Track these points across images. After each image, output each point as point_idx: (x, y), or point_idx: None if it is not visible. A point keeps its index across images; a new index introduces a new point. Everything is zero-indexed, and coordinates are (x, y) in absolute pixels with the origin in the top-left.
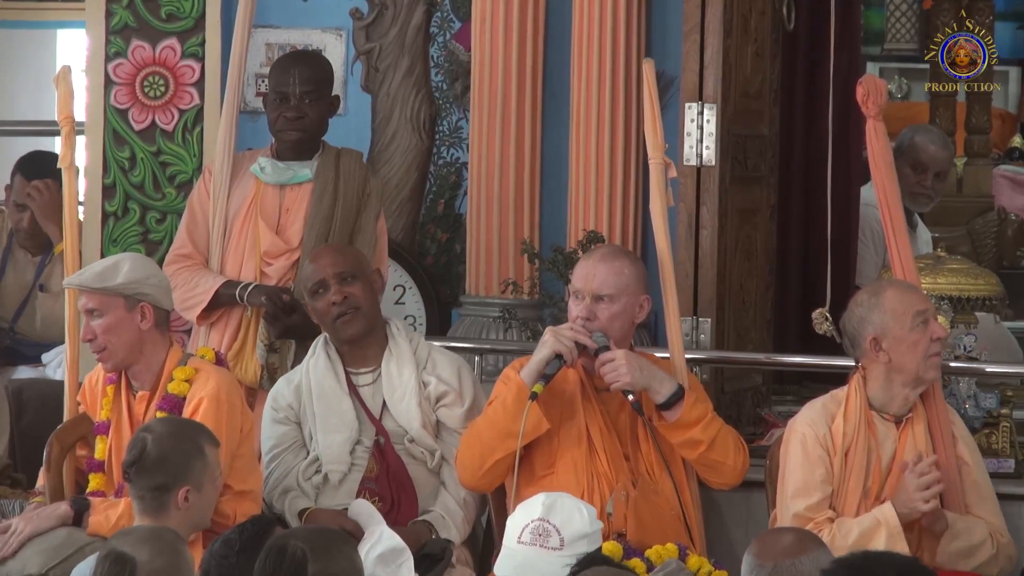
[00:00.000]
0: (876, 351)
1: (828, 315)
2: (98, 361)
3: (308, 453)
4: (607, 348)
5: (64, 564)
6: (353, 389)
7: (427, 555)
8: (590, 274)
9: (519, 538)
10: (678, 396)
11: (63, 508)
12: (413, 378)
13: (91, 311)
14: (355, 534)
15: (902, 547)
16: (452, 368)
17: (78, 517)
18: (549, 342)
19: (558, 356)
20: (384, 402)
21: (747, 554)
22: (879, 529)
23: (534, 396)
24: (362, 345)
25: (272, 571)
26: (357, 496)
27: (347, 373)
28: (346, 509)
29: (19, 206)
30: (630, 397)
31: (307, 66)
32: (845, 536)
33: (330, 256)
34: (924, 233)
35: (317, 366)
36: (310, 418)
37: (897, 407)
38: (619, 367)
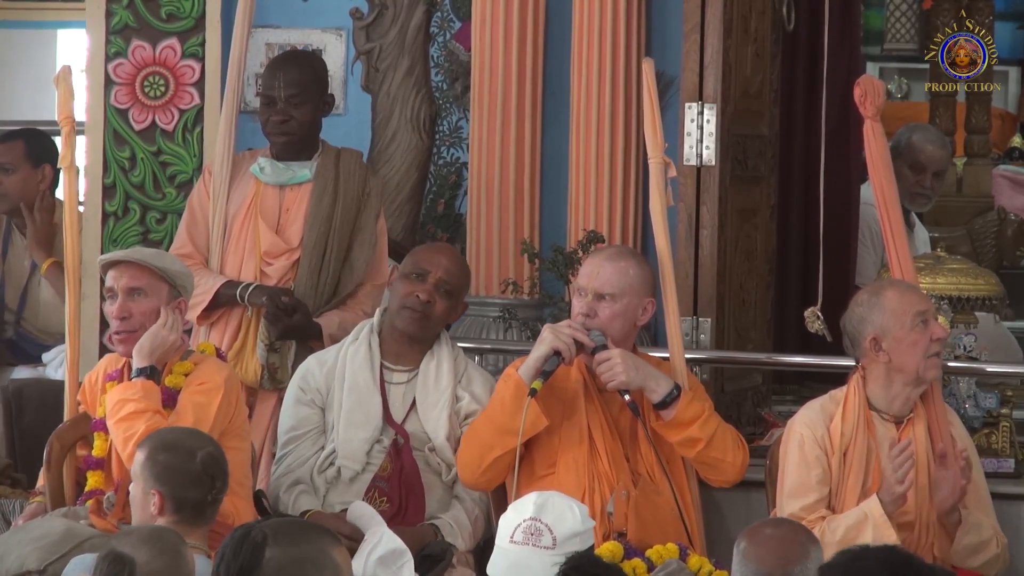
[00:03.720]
0: (876, 351)
1: (820, 314)
2: (119, 343)
3: (325, 442)
4: (604, 347)
5: (63, 560)
6: (381, 385)
7: (427, 555)
8: (594, 272)
9: (511, 537)
10: (674, 395)
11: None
12: (449, 389)
13: (135, 289)
14: (354, 537)
15: (889, 536)
16: (485, 387)
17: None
18: (547, 339)
19: (556, 353)
20: (413, 404)
21: (744, 558)
22: (866, 522)
23: (533, 393)
24: (410, 344)
25: (232, 554)
26: (366, 494)
27: (382, 367)
28: (345, 511)
29: (2, 168)
30: (626, 397)
31: (292, 68)
32: (834, 532)
33: (448, 261)
34: (922, 232)
35: (356, 355)
36: (336, 407)
37: (899, 407)
38: (615, 366)
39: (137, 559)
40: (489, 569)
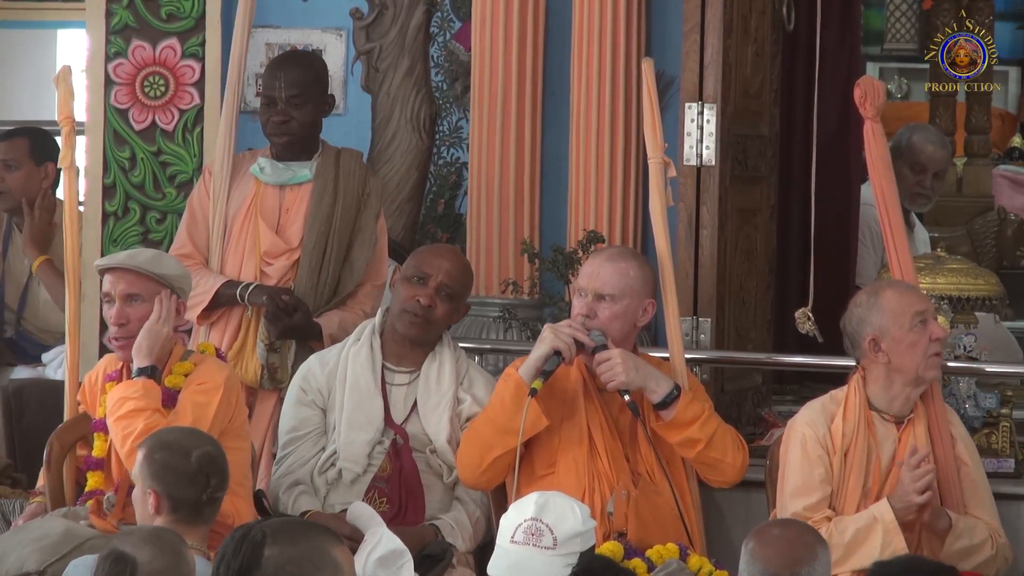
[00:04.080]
0: (875, 352)
1: (810, 314)
2: (118, 348)
3: (326, 443)
4: (605, 347)
5: (62, 561)
6: (383, 386)
7: (427, 556)
8: (595, 272)
9: (512, 538)
10: (674, 395)
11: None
12: (451, 391)
13: (132, 296)
14: (354, 537)
15: (899, 544)
16: (487, 389)
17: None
18: (548, 339)
19: (557, 353)
20: (415, 405)
21: (752, 558)
22: (875, 526)
23: (533, 392)
24: (412, 346)
25: (232, 554)
26: (366, 495)
27: (383, 369)
28: (345, 511)
29: (6, 164)
30: (626, 397)
31: (293, 69)
32: (842, 534)
33: (450, 264)
34: (922, 233)
35: (358, 356)
36: (337, 408)
37: (899, 407)
38: (615, 366)
39: (138, 559)
40: (490, 569)
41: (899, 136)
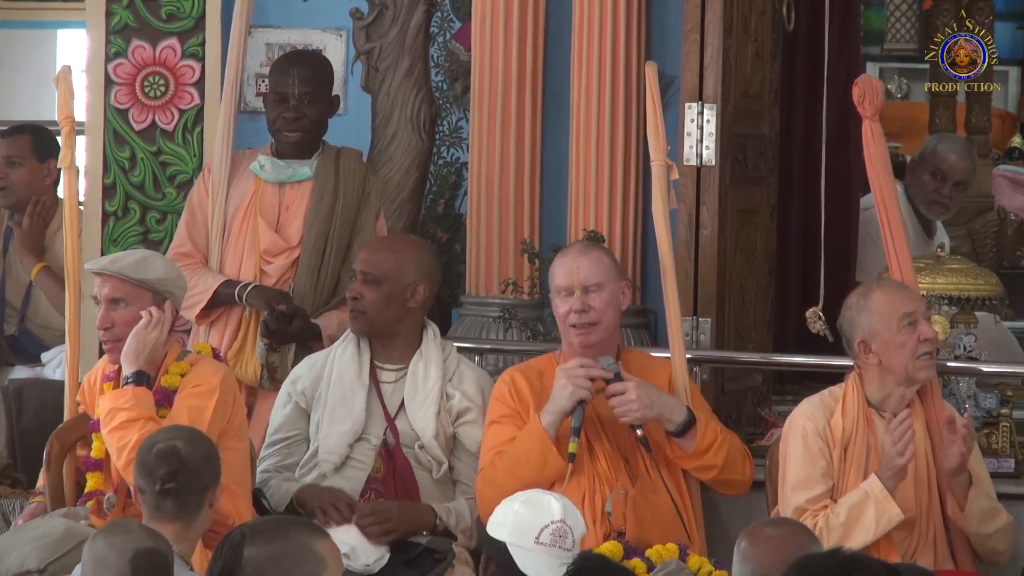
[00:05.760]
0: (866, 353)
1: (821, 314)
2: (108, 352)
3: (308, 446)
4: (618, 376)
5: (63, 559)
6: (376, 384)
7: (429, 550)
8: (573, 268)
9: (538, 538)
10: (690, 422)
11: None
12: (437, 386)
13: (116, 300)
14: (349, 504)
15: (893, 511)
16: (477, 385)
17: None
18: (568, 391)
19: (581, 402)
20: (402, 402)
21: (743, 558)
22: (867, 500)
23: (572, 458)
24: (390, 342)
25: (214, 557)
26: (362, 496)
27: (373, 367)
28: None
29: (9, 161)
30: (639, 432)
31: (306, 67)
32: (838, 515)
33: (367, 254)
34: (943, 237)
35: (343, 355)
36: (321, 406)
37: (894, 405)
38: (629, 401)
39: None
40: (523, 567)
41: (926, 143)
